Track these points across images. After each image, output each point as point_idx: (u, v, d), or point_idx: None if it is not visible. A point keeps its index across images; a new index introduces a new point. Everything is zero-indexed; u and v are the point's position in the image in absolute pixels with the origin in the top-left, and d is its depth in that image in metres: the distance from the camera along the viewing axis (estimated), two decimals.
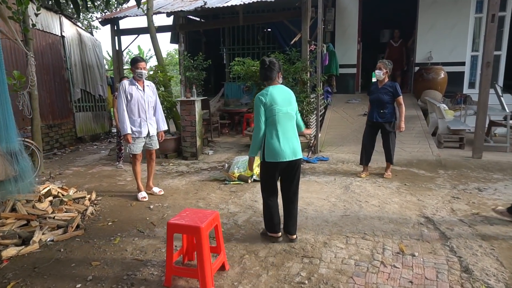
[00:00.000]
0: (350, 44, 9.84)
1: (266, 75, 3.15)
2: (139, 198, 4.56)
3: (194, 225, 2.51)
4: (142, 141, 4.54)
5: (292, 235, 3.30)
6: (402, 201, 4.19)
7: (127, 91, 4.37)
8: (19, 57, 6.99)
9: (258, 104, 3.06)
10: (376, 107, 5.04)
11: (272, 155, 3.06)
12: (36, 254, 3.20)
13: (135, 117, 4.43)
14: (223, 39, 10.70)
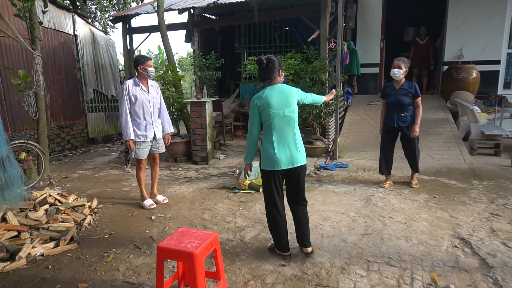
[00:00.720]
0: (372, 42, 9.29)
1: (264, 75, 2.87)
2: (147, 206, 4.25)
3: (187, 251, 2.14)
4: (149, 145, 4.26)
5: (307, 248, 2.97)
6: (432, 217, 3.70)
7: (131, 93, 4.06)
8: (30, 56, 6.83)
9: (252, 107, 2.85)
10: (396, 111, 4.55)
11: (267, 162, 2.83)
12: (21, 271, 2.92)
13: (140, 120, 4.12)
14: (239, 38, 10.34)
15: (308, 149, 6.25)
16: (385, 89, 4.75)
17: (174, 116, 6.62)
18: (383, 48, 9.46)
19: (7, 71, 6.20)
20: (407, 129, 4.54)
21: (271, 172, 2.82)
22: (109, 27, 14.31)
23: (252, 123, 2.84)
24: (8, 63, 6.45)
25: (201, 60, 8.39)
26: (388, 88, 4.69)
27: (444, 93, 8.59)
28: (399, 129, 4.59)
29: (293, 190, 2.94)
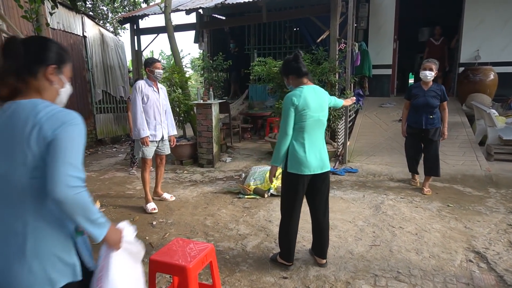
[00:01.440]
0: (385, 43, 9.05)
1: (302, 70, 2.68)
2: (149, 210, 4.18)
3: (180, 265, 2.01)
4: (155, 145, 4.31)
5: (322, 259, 2.85)
6: (445, 228, 3.49)
7: (143, 92, 4.13)
8: None
9: (288, 106, 2.61)
10: (424, 113, 4.47)
11: (296, 166, 2.65)
12: None
13: (150, 120, 4.18)
14: (248, 39, 10.22)
15: None
16: (412, 90, 4.66)
17: (181, 118, 6.53)
18: (396, 49, 9.22)
19: None
20: (434, 131, 4.48)
21: (298, 177, 2.66)
22: (119, 28, 14.38)
23: (286, 123, 2.61)
24: None
25: (208, 62, 8.30)
26: (416, 89, 4.60)
27: (459, 95, 8.30)
28: (426, 131, 4.51)
29: (319, 197, 2.81)
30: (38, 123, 1.17)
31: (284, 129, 2.64)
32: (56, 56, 1.31)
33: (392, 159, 5.96)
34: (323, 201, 2.84)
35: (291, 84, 2.76)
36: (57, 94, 1.35)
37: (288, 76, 2.75)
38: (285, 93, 6.33)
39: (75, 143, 1.19)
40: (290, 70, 2.71)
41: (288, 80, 2.76)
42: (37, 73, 1.26)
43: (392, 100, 8.92)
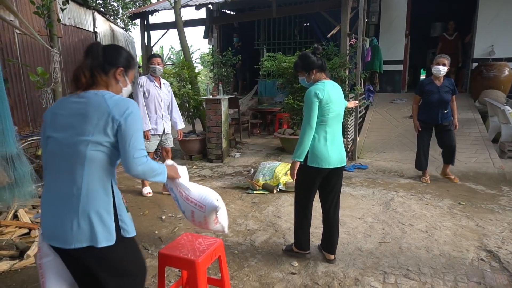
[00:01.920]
0: (396, 38, 8.92)
1: (324, 64, 2.72)
2: (144, 193, 4.58)
3: (188, 259, 2.02)
4: (158, 139, 4.50)
5: (331, 255, 2.86)
6: (456, 226, 3.45)
7: (145, 87, 4.33)
8: (50, 53, 6.92)
9: (313, 100, 2.59)
10: (438, 108, 4.51)
11: (317, 160, 2.65)
12: (29, 270, 2.90)
13: (151, 114, 4.37)
14: (258, 34, 10.18)
15: None
16: (424, 86, 4.63)
17: (190, 113, 6.55)
18: (408, 44, 9.08)
19: (30, 68, 6.30)
20: (449, 124, 4.57)
21: (318, 170, 2.66)
22: (130, 24, 14.45)
23: (310, 117, 2.58)
24: (29, 60, 6.55)
25: (218, 57, 8.29)
26: (429, 85, 4.58)
27: (472, 91, 8.15)
28: (439, 125, 4.59)
29: (333, 191, 2.82)
30: (107, 108, 1.47)
31: (308, 122, 2.60)
32: (125, 61, 1.65)
33: (402, 155, 5.90)
34: (336, 196, 2.84)
35: (311, 80, 2.73)
36: (120, 91, 1.66)
37: (311, 71, 2.70)
38: (294, 89, 6.35)
39: (137, 127, 1.52)
40: (314, 64, 2.68)
41: (310, 75, 2.71)
42: (108, 72, 1.59)
43: (403, 96, 8.81)
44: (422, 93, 4.62)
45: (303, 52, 2.79)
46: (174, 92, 6.11)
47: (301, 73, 2.76)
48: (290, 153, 6.34)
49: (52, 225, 1.49)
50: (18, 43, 6.40)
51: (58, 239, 1.48)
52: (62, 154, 1.50)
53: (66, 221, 1.45)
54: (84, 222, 1.45)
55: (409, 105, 8.04)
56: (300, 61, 2.73)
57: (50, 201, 1.52)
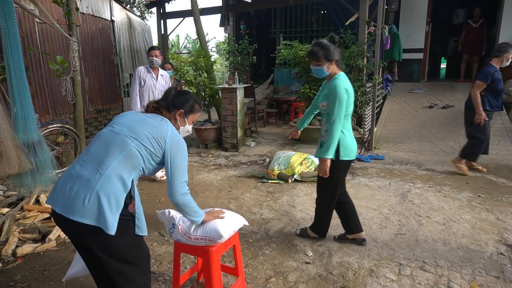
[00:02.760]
0: (417, 26, 8.66)
1: (339, 54, 2.67)
2: (158, 178, 4.76)
3: (203, 247, 2.05)
4: None
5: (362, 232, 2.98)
6: (475, 219, 3.38)
7: (141, 77, 4.62)
8: (69, 42, 7.02)
9: (344, 96, 2.56)
10: (499, 96, 4.54)
11: (349, 153, 2.72)
12: (51, 253, 3.00)
13: (144, 102, 4.61)
14: (274, 22, 10.06)
15: None
16: (495, 74, 4.46)
17: (206, 102, 6.57)
18: (429, 32, 8.81)
19: (49, 57, 6.41)
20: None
21: (349, 162, 2.77)
22: (146, 12, 14.48)
23: (342, 113, 2.56)
24: (49, 49, 6.67)
25: (234, 45, 8.24)
26: (497, 73, 4.48)
27: None
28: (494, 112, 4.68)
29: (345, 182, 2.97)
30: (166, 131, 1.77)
31: (340, 119, 2.58)
32: (188, 106, 1.98)
33: (420, 146, 5.79)
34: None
35: (329, 70, 2.62)
36: (178, 128, 1.95)
37: (332, 61, 2.59)
38: (311, 78, 6.27)
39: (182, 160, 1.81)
40: (335, 54, 2.59)
41: (330, 65, 2.60)
42: (171, 111, 1.94)
43: (423, 85, 8.60)
44: (492, 81, 4.41)
45: (320, 40, 2.64)
46: (190, 80, 6.15)
47: (320, 62, 2.59)
48: (306, 142, 6.32)
49: (67, 192, 1.59)
50: (38, 32, 6.51)
51: (65, 207, 1.57)
52: (110, 139, 1.70)
53: (81, 193, 1.56)
54: (94, 200, 1.55)
55: (429, 95, 7.86)
56: (321, 50, 2.57)
57: (76, 172, 1.64)
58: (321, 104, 2.71)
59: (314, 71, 2.68)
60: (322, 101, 2.70)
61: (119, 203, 1.59)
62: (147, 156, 1.71)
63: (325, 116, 2.71)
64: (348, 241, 2.97)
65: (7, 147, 2.86)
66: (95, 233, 1.57)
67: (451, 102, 7.33)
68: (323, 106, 2.68)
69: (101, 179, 1.59)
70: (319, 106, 2.77)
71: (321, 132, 2.75)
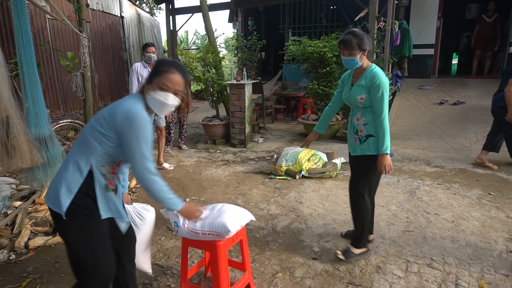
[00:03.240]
0: (428, 21, 8.54)
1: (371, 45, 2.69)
2: (167, 168, 5.08)
3: (210, 241, 2.07)
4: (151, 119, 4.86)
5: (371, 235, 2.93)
6: (484, 217, 3.34)
7: (138, 73, 4.87)
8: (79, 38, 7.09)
9: (387, 86, 2.42)
10: None
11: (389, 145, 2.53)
12: (62, 245, 3.05)
13: None
14: (283, 18, 10.01)
15: None
16: None
17: (214, 98, 6.59)
18: (440, 27, 8.68)
19: (60, 53, 6.49)
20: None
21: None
22: (155, 8, 14.53)
23: (387, 102, 2.42)
24: (60, 45, 6.75)
25: (242, 41, 8.23)
26: None
27: None
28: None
29: None
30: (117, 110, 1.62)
31: (387, 109, 2.44)
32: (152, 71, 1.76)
33: (430, 143, 5.73)
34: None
35: (362, 60, 2.45)
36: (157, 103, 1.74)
37: (365, 51, 2.42)
38: (319, 74, 6.25)
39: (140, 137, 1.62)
40: (368, 44, 2.43)
41: (363, 55, 2.43)
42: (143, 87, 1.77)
43: (433, 82, 8.49)
44: None
45: (353, 29, 2.45)
46: (198, 76, 6.17)
47: (354, 52, 2.39)
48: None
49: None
50: (49, 28, 6.60)
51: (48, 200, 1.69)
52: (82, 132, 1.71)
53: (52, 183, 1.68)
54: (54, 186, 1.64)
55: (439, 91, 7.77)
56: (356, 38, 2.37)
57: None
58: (359, 97, 2.46)
59: (345, 62, 2.47)
60: (359, 94, 2.46)
61: (71, 189, 1.59)
62: (101, 138, 1.61)
63: (360, 110, 2.52)
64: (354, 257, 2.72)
65: (20, 141, 2.91)
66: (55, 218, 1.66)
67: (462, 98, 7.24)
68: (362, 99, 2.45)
69: (62, 167, 1.68)
70: (353, 99, 2.51)
71: (357, 127, 2.54)
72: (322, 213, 3.53)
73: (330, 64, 6.10)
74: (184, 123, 6.20)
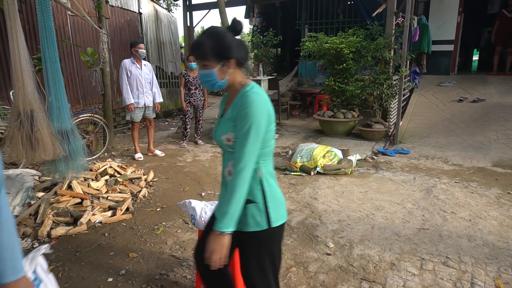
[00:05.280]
0: (448, 16, 8.36)
1: (246, 52, 1.55)
2: (136, 158, 5.44)
3: None
4: (141, 111, 5.38)
5: None
6: (503, 216, 3.29)
7: (127, 69, 5.18)
8: (98, 34, 7.23)
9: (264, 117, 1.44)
10: None
11: (282, 211, 1.61)
12: (82, 235, 3.16)
13: (133, 90, 5.23)
14: (300, 14, 9.96)
15: (367, 133, 5.92)
16: None
17: None
18: (461, 22, 8.48)
19: (80, 49, 6.65)
20: None
21: (283, 228, 1.58)
22: (172, 4, 14.66)
23: (257, 147, 1.41)
24: (80, 41, 6.90)
25: (259, 37, 8.24)
26: None
27: None
28: None
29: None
30: None
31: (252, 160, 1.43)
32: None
33: (448, 141, 5.65)
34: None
35: (225, 75, 1.49)
36: None
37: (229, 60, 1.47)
38: (336, 70, 6.24)
39: None
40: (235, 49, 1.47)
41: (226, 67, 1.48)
42: None
43: (453, 78, 8.32)
44: None
45: (211, 28, 1.49)
46: None
47: (207, 62, 1.46)
48: (329, 135, 6.29)
49: None
50: (70, 25, 6.75)
51: None
52: None
53: None
54: None
55: (458, 88, 7.62)
56: (211, 40, 1.44)
57: None
58: (225, 138, 1.47)
59: (201, 77, 1.53)
60: (225, 133, 1.47)
61: None
62: None
63: (231, 156, 1.47)
64: None
65: (43, 134, 3.02)
66: None
67: (482, 96, 7.08)
68: (229, 140, 1.46)
69: None
70: (219, 140, 1.52)
71: (224, 176, 1.57)
72: (337, 209, 3.54)
73: (347, 61, 6.06)
74: (200, 118, 6.27)
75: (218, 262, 1.41)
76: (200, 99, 6.08)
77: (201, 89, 6.09)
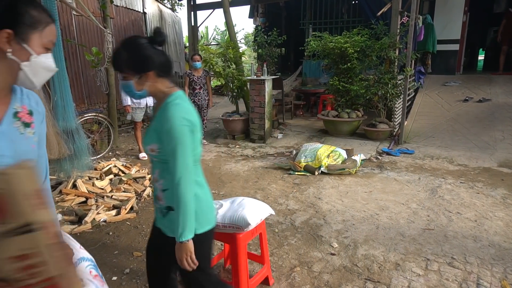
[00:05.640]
0: (453, 15, 8.30)
1: (167, 63, 1.52)
2: (140, 157, 5.44)
3: (230, 233, 2.11)
4: (142, 111, 5.36)
5: None
6: (509, 216, 3.26)
7: None
8: (103, 34, 7.26)
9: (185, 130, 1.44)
10: None
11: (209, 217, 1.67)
12: (87, 234, 3.18)
13: None
14: (304, 13, 9.94)
15: (371, 132, 5.90)
16: None
17: (234, 94, 6.64)
18: (466, 21, 8.42)
19: (85, 48, 6.69)
20: None
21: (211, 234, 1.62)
22: (176, 4, 14.69)
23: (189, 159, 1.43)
24: (85, 40, 6.93)
25: (263, 37, 8.24)
26: None
27: None
28: None
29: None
30: None
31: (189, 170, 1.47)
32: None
33: (453, 141, 5.61)
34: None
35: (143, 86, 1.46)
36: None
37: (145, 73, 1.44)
38: (340, 70, 6.21)
39: None
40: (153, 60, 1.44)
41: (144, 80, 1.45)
42: None
43: (458, 78, 8.26)
44: None
45: (130, 38, 1.45)
46: (219, 72, 6.24)
47: (124, 73, 1.44)
48: (333, 135, 6.27)
49: None
50: (75, 24, 6.79)
51: None
52: None
53: None
54: None
55: (464, 88, 7.57)
56: (127, 53, 1.42)
57: None
58: (149, 148, 1.49)
59: (121, 86, 1.53)
60: (150, 143, 1.48)
61: None
62: None
63: (158, 166, 1.52)
64: None
65: (48, 133, 3.03)
66: None
67: (488, 95, 7.02)
68: (152, 151, 1.48)
69: None
70: (145, 149, 1.54)
71: (156, 192, 1.56)
72: (341, 209, 3.52)
73: (351, 60, 6.04)
74: (204, 118, 6.28)
75: (192, 263, 1.47)
76: (204, 98, 6.07)
77: (206, 89, 6.07)
